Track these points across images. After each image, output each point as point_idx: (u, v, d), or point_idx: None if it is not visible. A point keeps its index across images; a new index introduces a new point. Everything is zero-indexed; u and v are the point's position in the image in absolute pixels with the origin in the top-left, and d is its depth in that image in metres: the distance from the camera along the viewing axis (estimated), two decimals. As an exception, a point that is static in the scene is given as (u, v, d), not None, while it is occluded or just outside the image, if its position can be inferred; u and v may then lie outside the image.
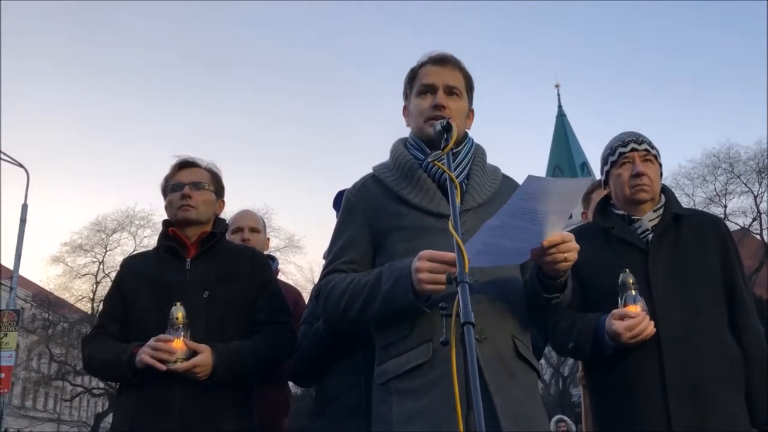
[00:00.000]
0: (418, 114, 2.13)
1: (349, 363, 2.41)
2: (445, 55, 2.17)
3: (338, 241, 2.14)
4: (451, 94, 2.12)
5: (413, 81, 2.18)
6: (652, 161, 2.47)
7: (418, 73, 2.17)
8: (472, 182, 2.10)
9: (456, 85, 2.13)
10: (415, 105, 2.15)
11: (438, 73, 2.13)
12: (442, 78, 2.13)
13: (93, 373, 2.69)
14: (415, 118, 2.15)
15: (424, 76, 2.15)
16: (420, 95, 2.14)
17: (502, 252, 1.81)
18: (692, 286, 2.32)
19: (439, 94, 2.10)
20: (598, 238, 2.46)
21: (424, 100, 2.12)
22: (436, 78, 2.13)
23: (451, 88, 2.12)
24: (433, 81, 2.12)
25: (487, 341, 1.86)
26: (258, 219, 3.65)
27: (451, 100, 2.11)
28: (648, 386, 2.22)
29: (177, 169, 2.65)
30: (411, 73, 2.20)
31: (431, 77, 2.13)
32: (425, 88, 2.13)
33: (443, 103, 2.08)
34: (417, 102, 2.14)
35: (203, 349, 2.30)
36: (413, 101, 2.16)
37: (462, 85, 2.16)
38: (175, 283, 2.46)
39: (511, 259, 1.91)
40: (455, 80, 2.14)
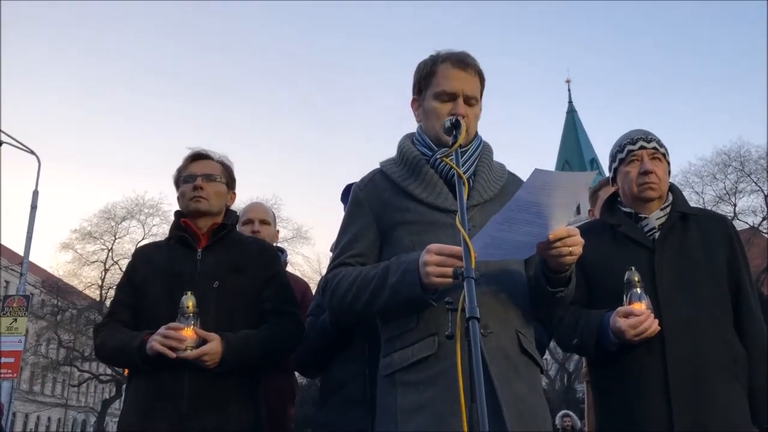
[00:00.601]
0: (435, 117, 2.10)
1: (354, 354, 2.43)
2: (466, 58, 2.14)
3: (345, 235, 2.16)
4: (469, 101, 2.11)
5: (430, 78, 2.14)
6: (661, 159, 2.47)
7: (437, 73, 2.13)
8: (478, 179, 2.11)
9: (475, 94, 2.12)
10: (433, 108, 2.12)
11: (459, 79, 2.10)
12: (463, 85, 2.10)
13: (104, 360, 2.73)
14: (431, 120, 2.12)
15: (444, 80, 2.11)
16: (439, 99, 2.11)
17: (508, 246, 1.83)
18: (698, 285, 2.33)
19: (460, 103, 2.08)
20: (605, 235, 2.47)
21: (443, 105, 2.10)
22: (457, 85, 2.09)
23: (470, 97, 2.11)
24: (454, 89, 2.09)
25: (491, 336, 1.88)
26: (268, 211, 3.68)
27: (468, 108, 2.10)
28: (651, 383, 2.23)
29: (189, 161, 2.67)
30: (428, 69, 2.15)
31: (452, 84, 2.10)
32: (446, 96, 2.10)
33: (463, 113, 2.06)
34: (435, 105, 2.11)
35: (213, 337, 2.33)
36: (431, 103, 2.12)
37: (479, 91, 2.15)
38: (185, 273, 2.49)
39: (518, 253, 1.93)
40: (474, 88, 2.12)
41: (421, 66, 2.19)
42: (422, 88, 2.17)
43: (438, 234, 1.94)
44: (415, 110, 2.22)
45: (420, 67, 2.19)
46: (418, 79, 2.19)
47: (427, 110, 2.15)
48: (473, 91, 2.12)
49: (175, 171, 2.69)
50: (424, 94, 2.17)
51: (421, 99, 2.19)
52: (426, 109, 2.16)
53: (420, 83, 2.18)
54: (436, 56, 2.16)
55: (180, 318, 2.34)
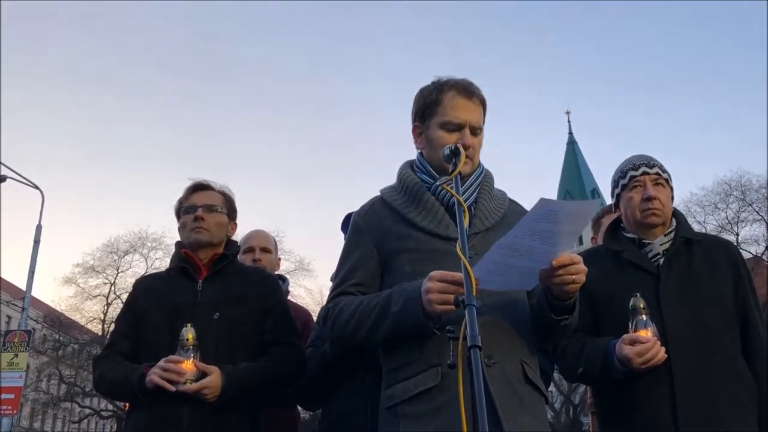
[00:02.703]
0: (440, 147, 2.05)
1: (355, 386, 2.40)
2: (471, 87, 2.13)
3: (346, 264, 2.13)
4: (474, 131, 2.10)
5: (435, 107, 2.11)
6: (664, 185, 2.46)
7: (443, 101, 2.10)
8: (480, 206, 2.10)
9: (480, 125, 2.12)
10: (439, 137, 2.09)
11: (465, 109, 2.09)
12: (469, 115, 2.09)
13: (103, 393, 2.70)
14: (436, 150, 2.09)
15: (450, 109, 2.08)
16: (445, 129, 2.09)
17: (511, 273, 1.81)
18: (704, 312, 2.30)
19: (466, 134, 2.07)
20: (609, 261, 2.45)
21: (450, 135, 2.07)
22: (464, 115, 2.08)
23: (476, 128, 2.10)
24: (461, 120, 2.07)
25: (495, 366, 1.85)
26: (270, 239, 3.66)
27: (473, 138, 2.10)
28: (658, 413, 2.19)
29: (191, 192, 2.68)
30: (433, 97, 2.12)
31: (459, 114, 2.08)
32: (452, 126, 2.08)
33: (470, 144, 2.06)
34: (441, 135, 2.08)
35: (212, 370, 2.30)
36: (436, 131, 2.10)
37: (483, 120, 2.14)
38: (186, 304, 2.48)
39: (521, 284, 1.91)
40: (479, 117, 2.12)
41: (425, 93, 2.16)
42: (426, 116, 2.14)
43: (439, 262, 1.92)
44: (417, 137, 2.20)
45: (424, 94, 2.16)
46: (421, 106, 2.16)
47: (431, 139, 2.12)
48: (478, 121, 2.12)
49: (177, 202, 2.69)
50: (428, 123, 2.14)
51: (424, 127, 2.16)
52: (430, 137, 2.13)
53: (424, 111, 2.15)
54: (440, 83, 2.14)
55: (180, 350, 2.32)
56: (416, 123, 2.19)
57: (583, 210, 1.80)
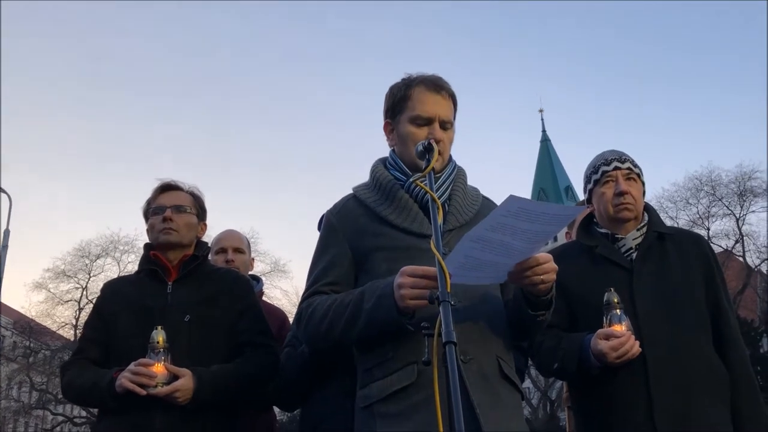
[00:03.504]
0: (411, 142, 2.07)
1: (335, 387, 2.37)
2: (440, 81, 2.13)
3: (319, 263, 2.11)
4: (444, 125, 2.10)
5: (404, 102, 2.11)
6: (635, 180, 2.48)
7: (412, 96, 2.10)
8: (453, 203, 2.09)
9: (449, 119, 2.11)
10: (409, 132, 2.09)
11: (434, 104, 2.08)
12: (438, 109, 2.08)
13: (72, 400, 2.63)
14: (407, 144, 2.09)
15: (419, 104, 2.09)
16: (414, 124, 2.09)
17: (484, 267, 1.80)
18: (677, 305, 2.32)
19: (436, 128, 2.07)
20: (582, 257, 2.46)
21: (419, 130, 2.07)
22: (432, 109, 2.08)
23: (445, 121, 2.10)
24: (429, 114, 2.07)
25: (471, 362, 1.85)
26: (242, 239, 3.61)
27: (443, 132, 2.09)
28: (634, 406, 2.20)
29: (159, 192, 2.63)
30: (402, 93, 2.12)
31: (427, 108, 2.08)
32: (421, 121, 2.08)
33: (440, 138, 2.05)
34: (411, 130, 2.08)
35: (184, 373, 2.26)
36: (406, 127, 2.10)
37: (453, 115, 2.14)
38: (156, 306, 2.43)
39: (493, 277, 1.90)
40: (448, 111, 2.11)
41: (394, 90, 2.16)
42: (396, 112, 2.14)
43: (414, 259, 1.90)
44: (388, 134, 2.19)
45: (393, 91, 2.16)
46: (391, 104, 2.16)
47: (402, 135, 2.12)
48: (448, 115, 2.11)
49: (145, 203, 2.64)
50: (398, 119, 2.14)
51: (394, 123, 2.16)
52: (401, 133, 2.13)
53: (394, 107, 2.15)
54: (409, 80, 2.14)
55: (150, 354, 2.28)
56: (387, 120, 2.19)
57: (563, 213, 1.78)
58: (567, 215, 1.79)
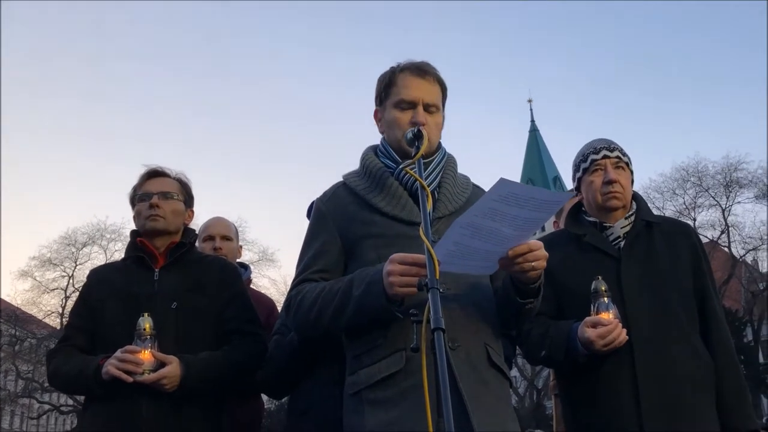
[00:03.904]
0: (396, 127, 2.08)
1: (323, 374, 2.37)
2: (425, 66, 2.13)
3: (309, 250, 2.11)
4: (429, 109, 2.09)
5: (390, 88, 2.12)
6: (624, 168, 2.48)
7: (397, 82, 2.11)
8: (443, 190, 2.09)
9: (435, 102, 2.11)
10: (394, 117, 2.10)
11: (418, 87, 2.09)
12: (422, 93, 2.08)
13: (58, 387, 2.61)
14: (393, 129, 2.10)
15: (403, 88, 2.09)
16: (399, 108, 2.09)
17: (473, 255, 1.80)
18: (664, 293, 2.33)
19: (419, 111, 2.06)
20: (571, 245, 2.46)
21: (403, 114, 2.08)
22: (416, 93, 2.08)
23: (430, 105, 2.09)
24: (412, 97, 2.08)
25: (459, 349, 1.85)
26: (230, 226, 3.58)
27: (428, 116, 2.08)
28: (621, 393, 2.22)
29: (145, 179, 2.60)
30: (388, 79, 2.14)
31: (411, 92, 2.08)
32: (405, 104, 2.08)
33: (423, 121, 2.04)
34: (396, 115, 2.09)
35: (171, 360, 2.25)
36: (391, 112, 2.11)
37: (439, 99, 2.13)
38: (143, 294, 2.42)
39: (483, 267, 1.90)
40: (434, 95, 2.11)
41: (381, 77, 2.17)
42: (383, 98, 2.15)
43: (403, 247, 1.90)
44: (378, 121, 2.20)
45: (380, 79, 2.17)
46: (378, 91, 2.17)
47: (388, 121, 2.13)
48: (433, 98, 2.11)
49: (131, 189, 2.62)
50: (384, 105, 2.15)
51: (382, 110, 2.17)
52: (387, 120, 2.13)
53: (381, 94, 2.16)
54: (396, 67, 2.15)
55: (137, 341, 2.27)
56: (377, 107, 2.20)
57: (552, 199, 1.78)
58: (555, 201, 1.79)
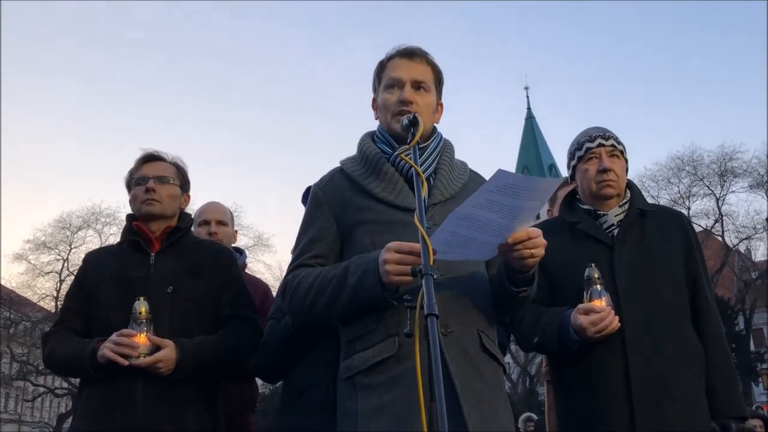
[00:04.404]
0: (385, 108, 2.11)
1: (317, 358, 2.38)
2: (414, 49, 2.15)
3: (305, 236, 2.12)
4: (419, 89, 2.10)
5: (381, 74, 2.16)
6: (619, 157, 2.49)
7: (386, 66, 2.14)
8: (439, 176, 2.09)
9: (424, 80, 2.11)
10: (383, 99, 2.12)
11: (406, 67, 2.11)
12: (410, 72, 2.10)
13: (53, 370, 2.62)
14: (383, 112, 2.13)
15: (391, 70, 2.12)
16: (387, 89, 2.11)
17: (469, 244, 1.81)
18: (657, 281, 2.35)
19: (407, 89, 2.08)
20: (564, 233, 2.47)
21: (391, 94, 2.10)
22: (404, 72, 2.10)
23: (419, 82, 2.10)
24: (400, 75, 2.10)
25: (452, 335, 1.86)
26: (225, 211, 3.58)
27: (418, 95, 2.08)
28: (612, 379, 2.24)
29: (141, 163, 2.60)
30: (379, 66, 2.17)
31: (399, 71, 2.11)
32: (392, 82, 2.10)
33: (410, 98, 2.06)
34: (385, 96, 2.12)
35: (167, 344, 2.27)
36: (381, 95, 2.14)
37: (430, 79, 2.14)
38: (138, 277, 2.42)
39: (479, 254, 1.91)
40: (423, 74, 2.12)
41: (376, 66, 2.20)
42: (377, 85, 2.18)
43: (398, 233, 1.91)
44: (375, 110, 2.22)
45: (376, 66, 2.20)
46: (373, 79, 2.20)
47: (380, 104, 2.15)
48: (421, 76, 2.12)
49: (127, 173, 2.62)
50: (378, 90, 2.18)
51: (376, 96, 2.19)
52: (379, 103, 2.16)
53: (374, 82, 2.20)
54: (388, 54, 2.18)
55: (132, 324, 2.28)
56: (374, 95, 2.22)
57: (544, 187, 1.79)
58: (548, 188, 1.80)
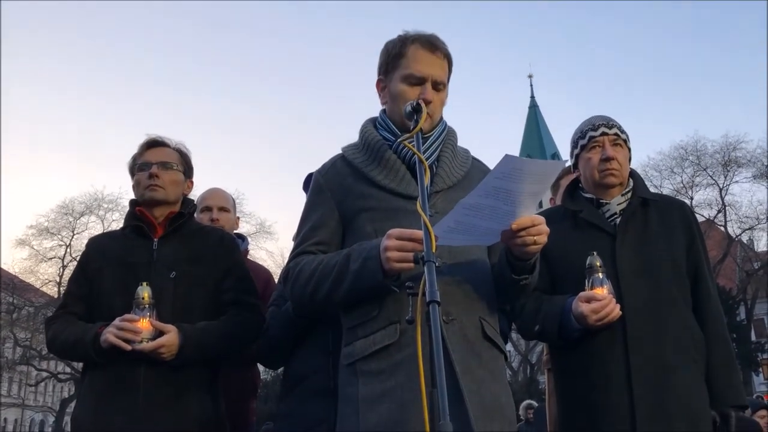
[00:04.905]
0: (402, 101, 2.03)
1: (318, 344, 2.39)
2: (436, 41, 2.09)
3: (307, 223, 2.11)
4: (437, 86, 2.07)
5: (398, 60, 2.07)
6: (622, 145, 2.48)
7: (407, 54, 2.06)
8: (442, 164, 2.08)
9: (443, 80, 2.08)
10: (400, 90, 2.06)
11: (428, 64, 2.05)
12: (432, 69, 2.05)
13: (56, 354, 2.63)
14: (395, 102, 2.07)
15: (413, 63, 2.04)
16: (406, 81, 2.05)
17: (473, 231, 1.81)
18: (658, 270, 2.34)
19: (428, 89, 2.04)
20: (567, 221, 2.47)
21: (411, 89, 2.04)
22: (426, 69, 2.04)
23: (438, 82, 2.07)
24: (423, 73, 2.04)
25: (453, 323, 1.87)
26: (228, 198, 3.58)
27: (435, 93, 2.06)
28: (612, 367, 2.24)
29: (145, 149, 2.60)
30: (398, 50, 2.08)
31: (422, 68, 2.04)
32: (413, 79, 2.05)
33: (431, 99, 2.03)
34: (402, 88, 2.05)
35: (169, 329, 2.27)
36: (398, 85, 2.06)
37: (446, 76, 2.11)
38: (141, 263, 2.43)
39: (482, 239, 1.91)
40: (442, 73, 2.08)
41: (389, 46, 2.12)
42: (390, 69, 2.11)
43: (400, 221, 1.91)
44: (380, 91, 2.16)
45: (388, 48, 2.12)
46: (385, 60, 2.12)
47: (393, 93, 2.09)
48: (441, 76, 2.08)
49: (131, 158, 2.62)
50: (391, 76, 2.10)
51: (387, 80, 2.12)
52: (392, 92, 2.10)
53: (388, 64, 2.11)
54: (405, 37, 2.10)
55: (135, 310, 2.28)
56: (380, 77, 2.16)
57: (548, 170, 1.79)
58: (551, 172, 1.80)
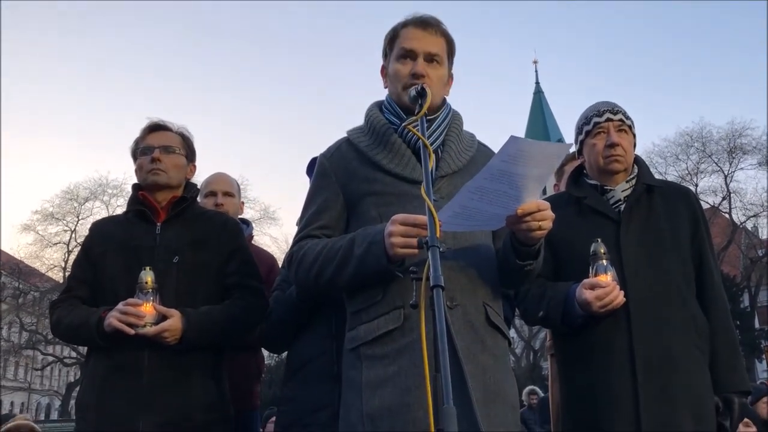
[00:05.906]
0: (396, 79, 2.07)
1: (322, 328, 2.40)
2: (428, 18, 2.10)
3: (311, 207, 2.11)
4: (432, 62, 2.06)
5: (393, 42, 2.10)
6: (627, 131, 2.46)
7: (400, 34, 2.09)
8: (447, 149, 2.07)
9: (437, 52, 2.07)
10: (395, 70, 2.08)
11: (420, 38, 2.06)
12: (424, 44, 2.06)
13: (60, 337, 2.65)
14: (394, 83, 2.09)
15: (405, 40, 2.07)
16: (399, 60, 2.07)
17: (478, 216, 1.80)
18: (662, 257, 2.34)
19: (419, 62, 2.04)
20: (571, 207, 2.46)
21: (403, 65, 2.06)
22: (417, 44, 2.05)
23: (432, 55, 2.06)
24: (413, 47, 2.05)
25: (458, 308, 1.86)
26: (232, 182, 3.57)
27: (430, 68, 2.05)
28: (616, 354, 2.24)
29: (147, 132, 2.59)
30: (392, 33, 2.12)
31: (412, 42, 2.06)
32: (405, 53, 2.06)
33: (422, 72, 2.02)
34: (396, 67, 2.08)
35: (173, 313, 2.28)
36: (392, 65, 2.10)
37: (443, 51, 2.10)
38: (144, 247, 2.43)
39: (486, 224, 1.90)
40: (436, 46, 2.08)
41: (388, 32, 2.15)
42: (388, 53, 2.14)
43: (405, 205, 1.90)
44: (384, 77, 2.18)
45: (387, 33, 2.15)
46: (384, 46, 2.15)
47: (390, 74, 2.11)
48: (435, 48, 2.07)
49: (133, 142, 2.61)
50: (389, 59, 2.13)
51: (387, 65, 2.15)
52: (390, 73, 2.12)
53: (386, 49, 2.14)
54: (402, 21, 2.12)
55: (139, 294, 2.29)
56: (383, 63, 2.18)
57: (553, 152, 1.77)
58: (556, 154, 1.79)
